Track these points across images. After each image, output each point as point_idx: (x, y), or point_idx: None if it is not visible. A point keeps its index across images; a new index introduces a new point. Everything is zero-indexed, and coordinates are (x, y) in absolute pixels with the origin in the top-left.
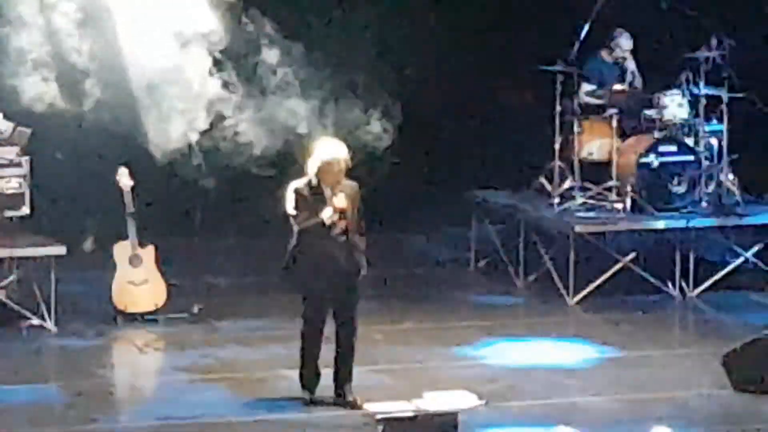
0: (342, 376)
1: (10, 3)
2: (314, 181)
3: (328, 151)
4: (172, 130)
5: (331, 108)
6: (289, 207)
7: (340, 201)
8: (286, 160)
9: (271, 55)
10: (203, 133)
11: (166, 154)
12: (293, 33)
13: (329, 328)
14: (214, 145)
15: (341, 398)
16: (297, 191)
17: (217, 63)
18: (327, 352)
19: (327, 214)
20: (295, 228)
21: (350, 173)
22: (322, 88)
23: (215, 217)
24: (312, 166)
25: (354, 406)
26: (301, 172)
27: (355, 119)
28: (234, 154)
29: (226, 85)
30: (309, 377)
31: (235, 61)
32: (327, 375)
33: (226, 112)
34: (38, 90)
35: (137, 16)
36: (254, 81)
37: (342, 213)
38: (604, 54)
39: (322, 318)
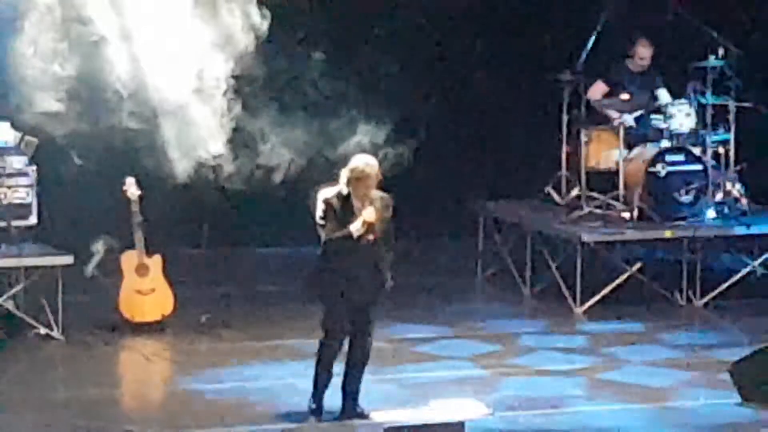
0: (351, 388)
1: (26, 15)
2: (344, 192)
3: (360, 162)
4: (187, 146)
5: (347, 125)
6: (318, 216)
7: (370, 214)
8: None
9: (286, 75)
10: (218, 151)
11: (181, 170)
12: (311, 47)
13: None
14: (229, 159)
15: (350, 408)
16: (326, 201)
17: (236, 80)
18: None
19: (356, 227)
20: (323, 237)
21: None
22: (338, 108)
23: (223, 227)
24: (343, 177)
25: (362, 416)
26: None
27: (371, 141)
28: (247, 169)
29: (245, 104)
30: (321, 380)
31: (252, 80)
32: (335, 384)
33: (244, 129)
34: (49, 101)
35: (159, 33)
36: (272, 100)
37: (370, 226)
38: (628, 63)
39: (342, 329)
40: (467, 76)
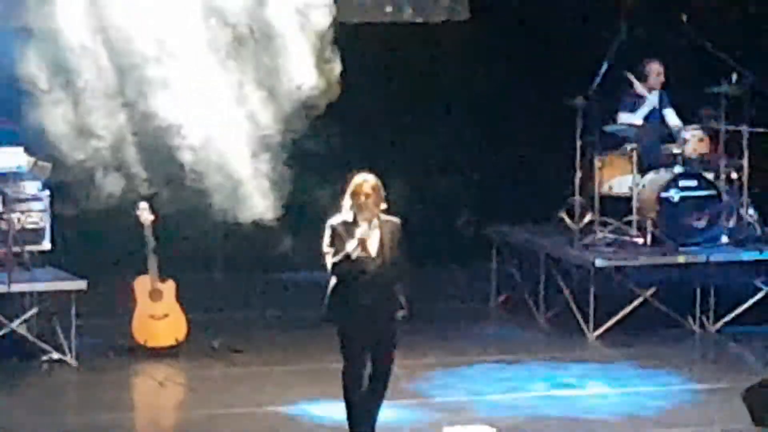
0: (368, 417)
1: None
2: (349, 218)
3: (360, 179)
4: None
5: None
6: (325, 243)
7: (363, 231)
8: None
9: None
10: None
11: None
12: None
13: None
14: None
15: None
16: (331, 228)
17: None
18: None
19: (352, 246)
20: (329, 265)
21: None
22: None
23: (236, 253)
24: (346, 200)
25: None
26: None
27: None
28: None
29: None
30: (358, 419)
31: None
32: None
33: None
34: (63, 126)
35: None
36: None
37: (363, 243)
38: (637, 86)
39: (361, 357)
40: (480, 101)
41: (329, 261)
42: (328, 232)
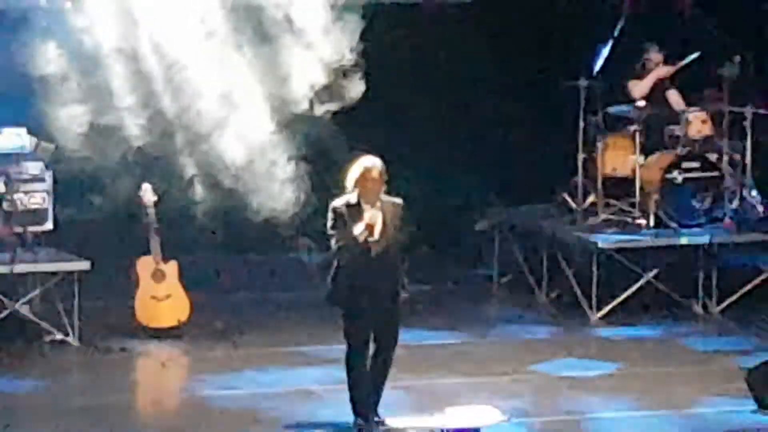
0: (371, 398)
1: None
2: (353, 200)
3: (365, 162)
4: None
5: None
6: (328, 225)
7: (372, 217)
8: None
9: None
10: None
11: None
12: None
13: None
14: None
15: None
16: (335, 210)
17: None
18: None
19: (359, 230)
20: (334, 246)
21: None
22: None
23: (237, 234)
24: (350, 181)
25: (382, 425)
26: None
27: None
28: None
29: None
30: (362, 399)
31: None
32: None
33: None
34: (69, 110)
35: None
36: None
37: (372, 228)
38: (637, 69)
39: (365, 337)
40: (483, 81)
41: (334, 243)
42: (331, 215)
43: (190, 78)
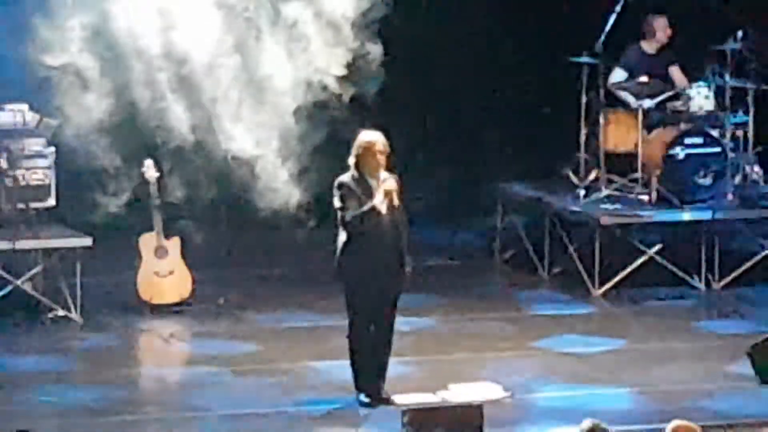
0: (376, 373)
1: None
2: (357, 174)
3: (367, 135)
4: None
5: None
6: (336, 201)
7: (390, 184)
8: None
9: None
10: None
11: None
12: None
13: None
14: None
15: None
16: (342, 184)
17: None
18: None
19: (379, 199)
20: (347, 218)
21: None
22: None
23: (241, 209)
24: (353, 156)
25: (387, 402)
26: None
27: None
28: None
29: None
30: (366, 374)
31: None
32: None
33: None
34: (68, 83)
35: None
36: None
37: (390, 196)
38: (644, 44)
39: (369, 313)
40: (485, 57)
41: (346, 216)
42: (338, 191)
43: (205, 61)
